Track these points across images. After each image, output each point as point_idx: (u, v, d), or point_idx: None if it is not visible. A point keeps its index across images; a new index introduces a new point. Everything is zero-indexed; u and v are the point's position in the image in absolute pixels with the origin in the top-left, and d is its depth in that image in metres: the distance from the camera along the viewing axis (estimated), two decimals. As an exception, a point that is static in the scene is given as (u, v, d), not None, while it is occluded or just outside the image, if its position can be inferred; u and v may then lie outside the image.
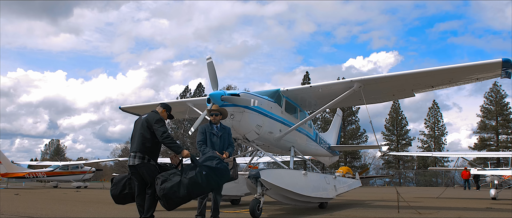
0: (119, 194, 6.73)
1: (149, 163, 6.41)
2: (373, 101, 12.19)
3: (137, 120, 6.78)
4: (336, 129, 19.52)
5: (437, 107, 62.81)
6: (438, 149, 59.53)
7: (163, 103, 7.12)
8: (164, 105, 6.98)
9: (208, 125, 7.64)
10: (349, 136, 58.22)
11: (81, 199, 14.94)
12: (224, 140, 7.57)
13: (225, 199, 11.47)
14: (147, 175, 6.34)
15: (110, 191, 6.84)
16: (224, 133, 7.63)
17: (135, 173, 6.48)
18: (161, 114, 6.81)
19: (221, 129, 7.64)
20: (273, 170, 9.36)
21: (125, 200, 6.80)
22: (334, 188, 11.83)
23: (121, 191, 6.72)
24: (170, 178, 6.10)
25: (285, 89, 11.56)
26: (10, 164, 30.86)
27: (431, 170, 49.73)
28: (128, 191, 6.70)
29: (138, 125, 6.64)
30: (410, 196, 19.11)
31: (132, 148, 6.51)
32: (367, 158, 63.65)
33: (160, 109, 6.89)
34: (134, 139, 6.59)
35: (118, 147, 77.14)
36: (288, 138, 11.64)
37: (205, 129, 7.56)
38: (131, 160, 6.42)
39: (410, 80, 10.50)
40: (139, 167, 6.36)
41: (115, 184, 6.81)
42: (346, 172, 28.84)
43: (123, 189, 6.72)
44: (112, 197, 6.85)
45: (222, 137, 7.54)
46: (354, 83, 10.78)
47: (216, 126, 7.63)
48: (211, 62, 9.94)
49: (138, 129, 6.55)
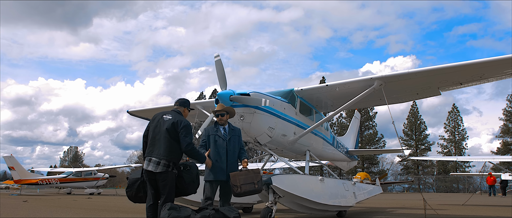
0: (136, 195, 6.31)
1: (172, 172, 5.87)
2: (395, 100, 11.26)
3: (157, 120, 6.11)
4: (354, 133, 18.60)
5: (457, 111, 61.17)
6: (459, 154, 57.80)
7: (182, 99, 6.53)
8: (184, 103, 6.43)
9: (213, 127, 6.95)
10: (367, 142, 56.90)
11: (88, 207, 14.39)
12: (234, 144, 6.86)
13: (236, 207, 10.71)
14: (165, 185, 5.79)
15: (126, 192, 6.41)
16: (234, 136, 6.92)
17: (152, 180, 5.89)
18: (184, 114, 6.30)
19: (230, 132, 6.94)
20: (286, 176, 8.58)
21: (142, 200, 6.34)
22: (354, 195, 10.95)
23: (137, 193, 6.28)
24: (180, 209, 5.67)
25: (299, 89, 10.78)
26: (23, 171, 30.81)
27: (452, 176, 48.10)
28: (143, 194, 6.23)
29: (161, 126, 5.99)
30: (433, 202, 18.00)
31: (155, 153, 5.87)
32: (385, 163, 62.27)
33: (182, 108, 6.34)
34: (156, 142, 5.94)
35: (135, 153, 77.53)
36: (303, 141, 10.82)
37: (209, 132, 6.86)
38: (152, 166, 5.79)
39: (437, 76, 9.55)
40: (161, 175, 5.79)
41: (130, 186, 6.34)
42: (364, 178, 27.89)
43: (138, 191, 6.26)
44: (128, 198, 6.45)
45: (231, 140, 6.84)
46: (374, 80, 9.92)
47: (223, 128, 6.92)
48: (219, 60, 9.28)
49: (163, 132, 5.91)
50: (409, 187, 53.56)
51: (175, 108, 6.36)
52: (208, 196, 6.68)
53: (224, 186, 6.77)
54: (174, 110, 6.30)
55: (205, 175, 6.80)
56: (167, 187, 5.80)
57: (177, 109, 6.32)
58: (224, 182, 6.72)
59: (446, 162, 56.92)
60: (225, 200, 6.72)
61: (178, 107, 6.39)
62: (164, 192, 5.80)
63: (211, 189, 6.70)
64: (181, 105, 6.44)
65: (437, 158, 50.71)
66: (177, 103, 6.47)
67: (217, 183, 6.77)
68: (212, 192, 6.71)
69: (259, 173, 6.89)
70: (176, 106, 6.41)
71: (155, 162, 5.81)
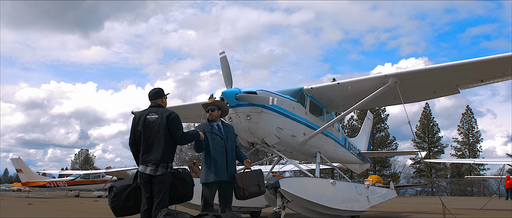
0: (122, 205, 5.65)
1: (169, 173, 5.48)
2: (410, 99, 10.66)
3: (142, 122, 5.59)
4: (366, 134, 17.98)
5: (471, 113, 60.04)
6: (473, 156, 56.65)
7: (154, 90, 5.96)
8: (158, 93, 5.91)
9: (207, 123, 6.43)
10: (378, 144, 55.99)
11: (91, 210, 13.99)
12: (231, 142, 6.35)
13: (243, 211, 10.23)
14: (161, 188, 5.35)
15: (111, 202, 5.71)
16: (230, 133, 6.42)
17: (148, 183, 5.42)
18: (163, 104, 5.86)
19: (225, 129, 6.41)
20: (295, 179, 8.09)
21: (128, 212, 5.71)
22: (367, 199, 10.39)
23: (124, 203, 5.64)
24: (177, 215, 5.23)
25: (309, 87, 10.26)
26: (31, 173, 30.76)
27: (467, 179, 47.05)
28: (132, 203, 5.62)
29: (150, 128, 5.51)
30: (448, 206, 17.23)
31: (152, 157, 5.42)
32: (397, 166, 61.24)
33: (159, 100, 5.86)
34: (150, 146, 5.48)
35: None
36: (314, 142, 10.29)
37: (204, 129, 6.30)
38: (150, 169, 5.37)
39: (456, 73, 8.97)
40: (158, 178, 5.37)
41: (117, 194, 5.68)
42: (376, 181, 27.17)
43: (127, 200, 5.64)
44: (112, 209, 5.74)
45: (228, 138, 6.32)
46: (388, 78, 9.35)
47: (217, 125, 6.41)
48: (224, 57, 8.82)
49: (156, 134, 5.47)
50: (422, 190, 52.60)
51: (154, 103, 5.86)
52: (207, 201, 6.10)
53: (225, 188, 6.21)
54: (153, 106, 5.82)
55: (203, 177, 6.21)
56: (163, 190, 5.36)
57: (156, 103, 5.84)
58: (225, 184, 6.17)
59: (460, 165, 55.80)
60: (226, 205, 6.16)
61: (155, 100, 5.88)
62: (158, 196, 5.34)
63: (210, 193, 6.11)
64: (156, 97, 5.90)
65: (453, 160, 49.41)
66: (152, 97, 5.91)
67: (217, 185, 6.19)
68: (212, 196, 6.14)
69: (262, 174, 6.44)
70: (152, 101, 5.90)
71: (153, 166, 5.39)
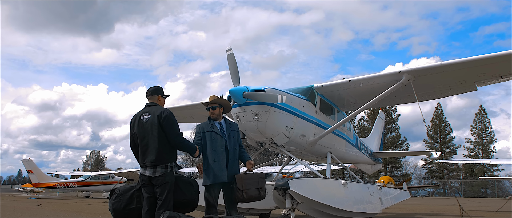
0: (124, 208, 5.39)
1: (171, 173, 5.21)
2: (425, 97, 10.24)
3: (137, 124, 5.36)
4: (378, 134, 17.55)
5: (484, 112, 58.96)
6: (487, 157, 55.58)
7: (153, 88, 5.69)
8: (156, 91, 5.63)
9: (207, 122, 6.11)
10: (389, 145, 55.29)
11: (98, 212, 13.85)
12: (234, 142, 6.03)
13: (252, 213, 9.96)
14: (163, 189, 5.09)
15: (112, 204, 5.48)
16: (233, 132, 6.09)
17: (148, 185, 5.18)
18: (160, 103, 5.55)
19: (228, 127, 6.10)
20: (305, 180, 7.78)
21: (129, 215, 5.43)
22: (380, 201, 10.04)
23: (126, 206, 5.40)
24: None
25: (319, 85, 9.94)
26: (41, 174, 30.85)
27: (480, 180, 46.16)
28: (135, 206, 5.37)
29: (145, 129, 5.25)
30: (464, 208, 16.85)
31: (148, 160, 5.18)
32: (409, 167, 60.37)
33: (155, 97, 5.58)
34: (145, 148, 5.23)
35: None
36: (324, 142, 9.96)
37: (203, 129, 6.02)
38: (149, 171, 5.14)
39: (474, 69, 8.56)
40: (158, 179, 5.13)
41: (119, 195, 5.45)
42: (388, 182, 26.71)
43: (129, 203, 5.40)
44: (112, 212, 5.49)
45: (230, 137, 6.01)
46: (402, 75, 8.99)
47: (219, 123, 6.10)
48: (231, 54, 8.57)
49: (149, 135, 5.22)
50: (434, 191, 51.81)
51: (149, 102, 5.60)
52: (210, 203, 5.82)
53: (229, 190, 5.92)
54: (148, 104, 5.56)
55: (203, 179, 5.95)
56: (165, 192, 5.09)
57: (151, 103, 5.58)
58: (228, 185, 5.88)
59: (473, 166, 54.80)
60: (232, 206, 5.87)
61: (151, 97, 5.62)
62: (161, 197, 5.08)
63: (212, 195, 5.83)
64: (153, 94, 5.63)
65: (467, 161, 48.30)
66: (148, 94, 5.66)
67: (218, 187, 5.90)
68: (214, 198, 5.85)
69: (264, 178, 6.10)
70: (149, 97, 5.64)
71: (152, 168, 5.15)
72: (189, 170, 36.45)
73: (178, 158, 6.55)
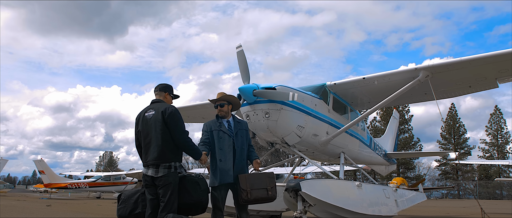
0: (129, 213, 5.18)
1: (175, 173, 4.92)
2: (443, 95, 9.82)
3: (141, 121, 5.12)
4: (392, 134, 17.11)
5: (499, 113, 57.75)
6: (502, 158, 54.45)
7: (162, 84, 5.44)
8: (165, 88, 5.36)
9: (215, 121, 5.81)
10: (402, 145, 54.43)
11: (107, 213, 13.69)
12: (242, 140, 5.71)
13: (263, 215, 9.65)
14: (166, 190, 4.82)
15: (117, 210, 5.28)
16: (241, 130, 5.77)
17: (151, 185, 4.93)
18: (166, 100, 5.27)
19: (236, 125, 5.79)
20: (317, 181, 7.45)
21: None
22: (395, 203, 9.65)
23: (132, 211, 5.18)
24: None
25: (332, 83, 9.60)
26: (53, 174, 31.04)
27: (496, 182, 45.15)
28: (141, 210, 5.15)
29: (148, 127, 5.01)
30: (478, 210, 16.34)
31: (150, 158, 4.93)
32: (422, 168, 59.52)
33: (163, 94, 5.31)
34: (148, 146, 4.99)
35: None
36: (337, 142, 9.62)
37: (211, 127, 5.72)
38: (151, 171, 4.89)
39: (496, 64, 8.12)
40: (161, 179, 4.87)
41: (124, 201, 5.24)
42: (401, 183, 26.13)
43: (135, 207, 5.18)
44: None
45: (238, 136, 5.70)
46: (419, 71, 8.61)
47: (227, 121, 5.81)
48: (241, 51, 8.31)
49: (152, 132, 4.96)
50: (448, 193, 50.93)
51: (156, 98, 5.35)
52: (216, 205, 5.52)
53: (236, 190, 5.59)
54: (154, 101, 5.30)
55: (210, 180, 5.65)
56: (168, 193, 4.81)
57: (157, 99, 5.32)
58: (235, 186, 5.56)
59: (488, 167, 53.78)
60: (242, 208, 5.57)
61: (158, 93, 5.37)
62: (163, 199, 4.81)
63: (219, 197, 5.52)
64: (161, 90, 5.38)
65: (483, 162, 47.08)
66: (156, 89, 5.42)
67: (225, 188, 5.60)
68: (221, 200, 5.54)
69: (274, 178, 5.77)
70: (156, 93, 5.40)
71: (154, 167, 4.88)
72: (199, 171, 36.30)
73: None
